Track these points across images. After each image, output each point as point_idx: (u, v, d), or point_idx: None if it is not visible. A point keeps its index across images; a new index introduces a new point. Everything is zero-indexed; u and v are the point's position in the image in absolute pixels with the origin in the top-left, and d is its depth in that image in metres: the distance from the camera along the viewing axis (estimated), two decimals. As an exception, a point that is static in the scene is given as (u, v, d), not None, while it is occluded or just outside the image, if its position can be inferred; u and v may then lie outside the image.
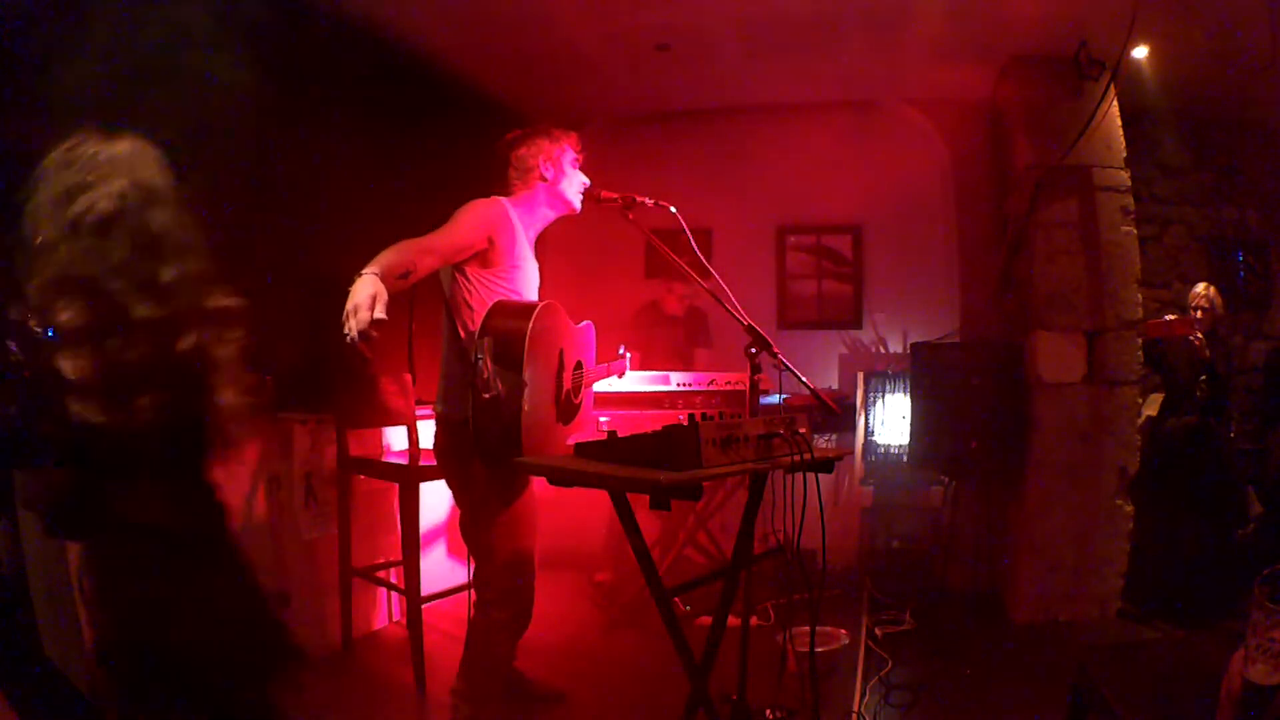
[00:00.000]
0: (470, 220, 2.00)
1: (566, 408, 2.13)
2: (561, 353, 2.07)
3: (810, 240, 4.42)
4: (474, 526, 2.07)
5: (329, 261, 3.22)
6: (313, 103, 3.02)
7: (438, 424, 2.14)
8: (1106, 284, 3.26)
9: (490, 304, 1.98)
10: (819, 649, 2.32)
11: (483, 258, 2.04)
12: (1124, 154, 3.36)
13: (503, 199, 2.15)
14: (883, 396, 3.90)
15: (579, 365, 2.23)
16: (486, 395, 1.77)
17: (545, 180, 2.17)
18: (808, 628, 1.99)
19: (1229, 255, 4.33)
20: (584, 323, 2.33)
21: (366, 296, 1.64)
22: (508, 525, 2.03)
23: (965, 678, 2.64)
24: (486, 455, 1.90)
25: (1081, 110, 3.28)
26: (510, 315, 1.90)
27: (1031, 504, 3.27)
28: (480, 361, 1.77)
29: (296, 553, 2.80)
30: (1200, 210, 4.33)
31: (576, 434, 2.25)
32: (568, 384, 2.13)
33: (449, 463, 2.12)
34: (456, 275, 2.06)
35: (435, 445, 2.21)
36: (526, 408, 1.83)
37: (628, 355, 2.64)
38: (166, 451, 1.19)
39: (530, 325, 1.86)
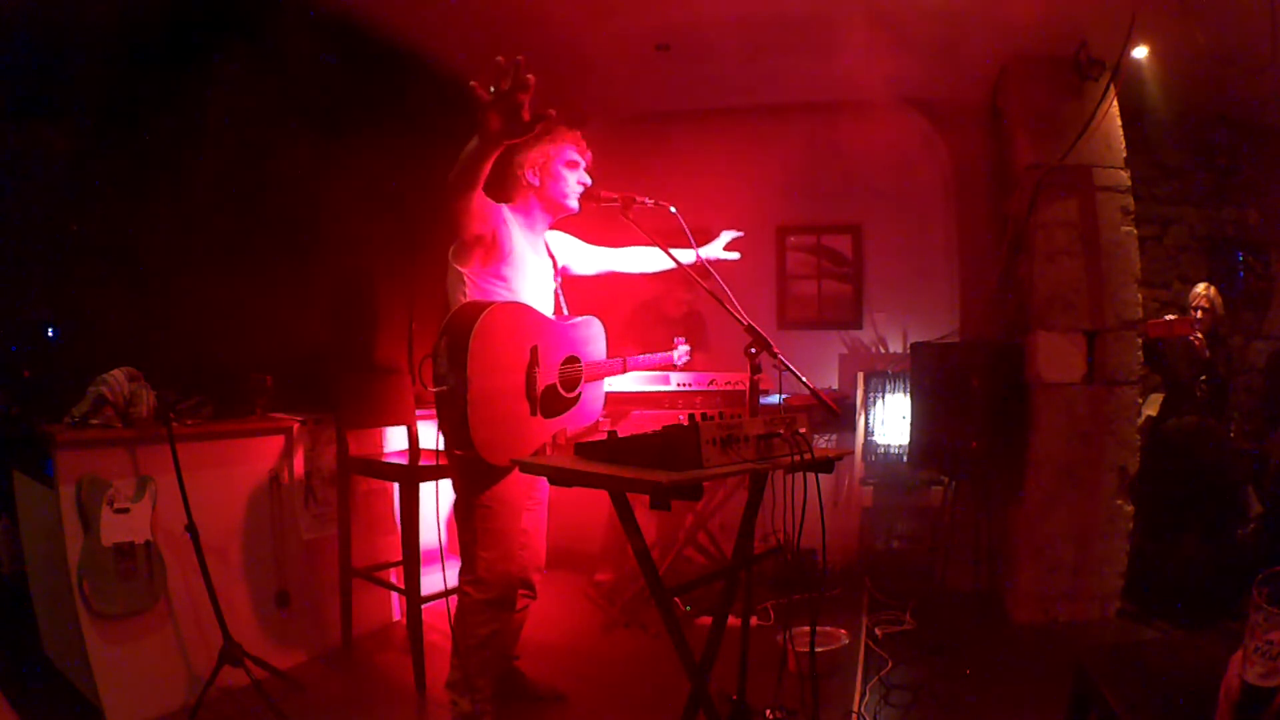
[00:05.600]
0: (483, 204, 2.03)
1: (550, 401, 2.15)
2: (535, 349, 2.09)
3: (810, 240, 4.42)
4: (458, 509, 2.16)
5: (328, 262, 3.24)
6: (311, 104, 3.03)
7: None
8: (1106, 284, 3.26)
9: None
10: (819, 649, 2.32)
11: (485, 253, 2.10)
12: (1124, 154, 3.36)
13: (503, 205, 2.19)
14: (883, 396, 3.90)
15: (572, 359, 2.23)
16: (435, 389, 1.97)
17: (534, 186, 2.21)
18: (808, 628, 1.99)
19: (1229, 255, 4.33)
20: (582, 318, 2.33)
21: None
22: (484, 510, 2.09)
23: (965, 678, 2.64)
24: (451, 442, 2.05)
25: (1081, 110, 3.28)
26: (463, 316, 1.98)
27: (1031, 504, 3.27)
28: (437, 358, 1.95)
29: (296, 553, 2.80)
30: (1200, 210, 4.34)
31: (573, 425, 2.28)
32: (551, 378, 2.15)
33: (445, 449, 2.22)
34: (459, 274, 2.12)
35: None
36: (474, 401, 1.91)
37: (683, 347, 2.65)
38: None
39: (476, 325, 1.92)
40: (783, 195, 4.34)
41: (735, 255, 2.55)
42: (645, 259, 2.59)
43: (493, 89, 1.57)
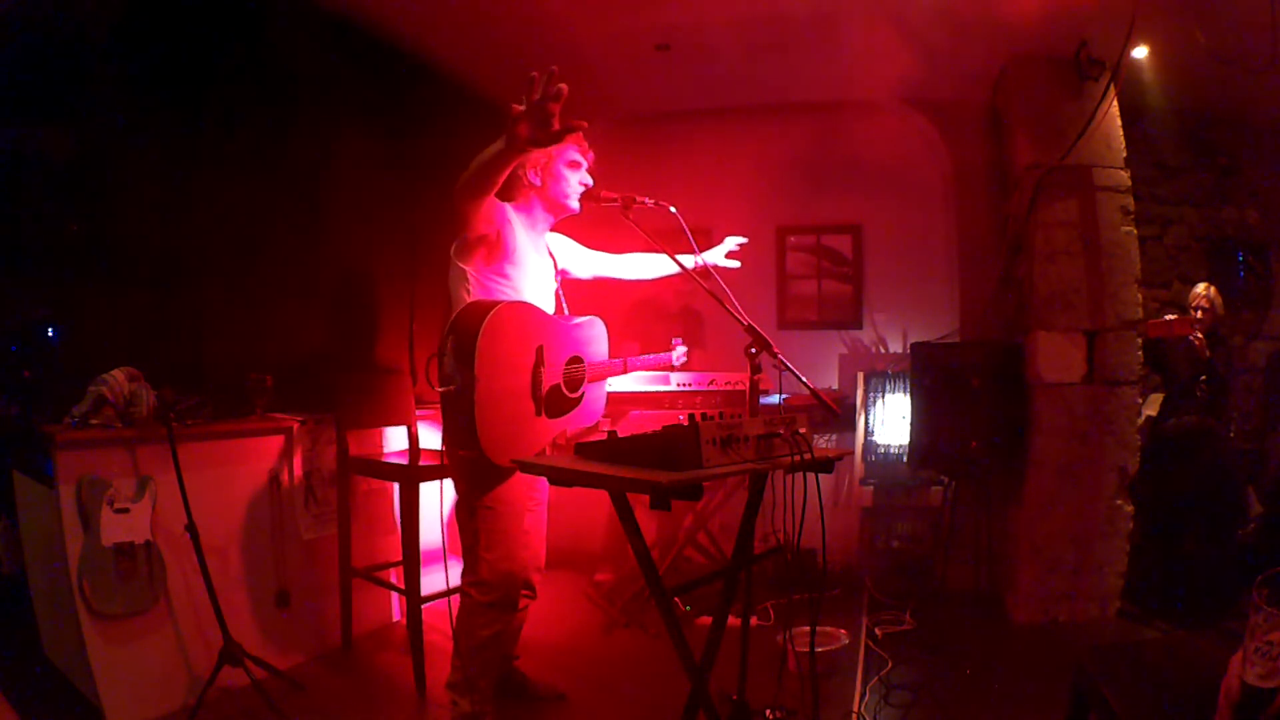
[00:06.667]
0: (490, 205, 2.03)
1: (554, 401, 2.15)
2: (541, 349, 2.10)
3: (810, 240, 4.42)
4: (460, 510, 2.15)
5: (328, 262, 3.24)
6: (312, 104, 3.03)
7: None
8: (1106, 284, 3.26)
9: None
10: (819, 649, 2.32)
11: (489, 251, 2.10)
12: (1124, 154, 3.36)
13: (506, 204, 2.19)
14: (883, 396, 3.90)
15: (575, 360, 2.23)
16: (442, 389, 1.97)
17: (535, 187, 2.22)
18: (808, 628, 1.99)
19: (1229, 255, 4.33)
20: (585, 318, 2.33)
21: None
22: (487, 511, 2.09)
23: (965, 678, 2.64)
24: (454, 442, 2.05)
25: (1081, 110, 3.28)
26: (470, 315, 1.97)
27: (1031, 504, 3.27)
28: (444, 358, 1.96)
29: (296, 553, 2.80)
30: (1200, 210, 4.33)
31: (575, 425, 2.28)
32: (555, 378, 2.15)
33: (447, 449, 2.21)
34: (462, 272, 2.12)
35: None
36: (481, 401, 1.91)
37: (681, 348, 2.65)
38: None
39: (483, 324, 1.91)
40: (783, 195, 4.34)
41: (735, 264, 2.55)
42: (644, 265, 2.60)
43: (524, 99, 1.59)
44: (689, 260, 2.36)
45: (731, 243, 2.59)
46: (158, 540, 2.30)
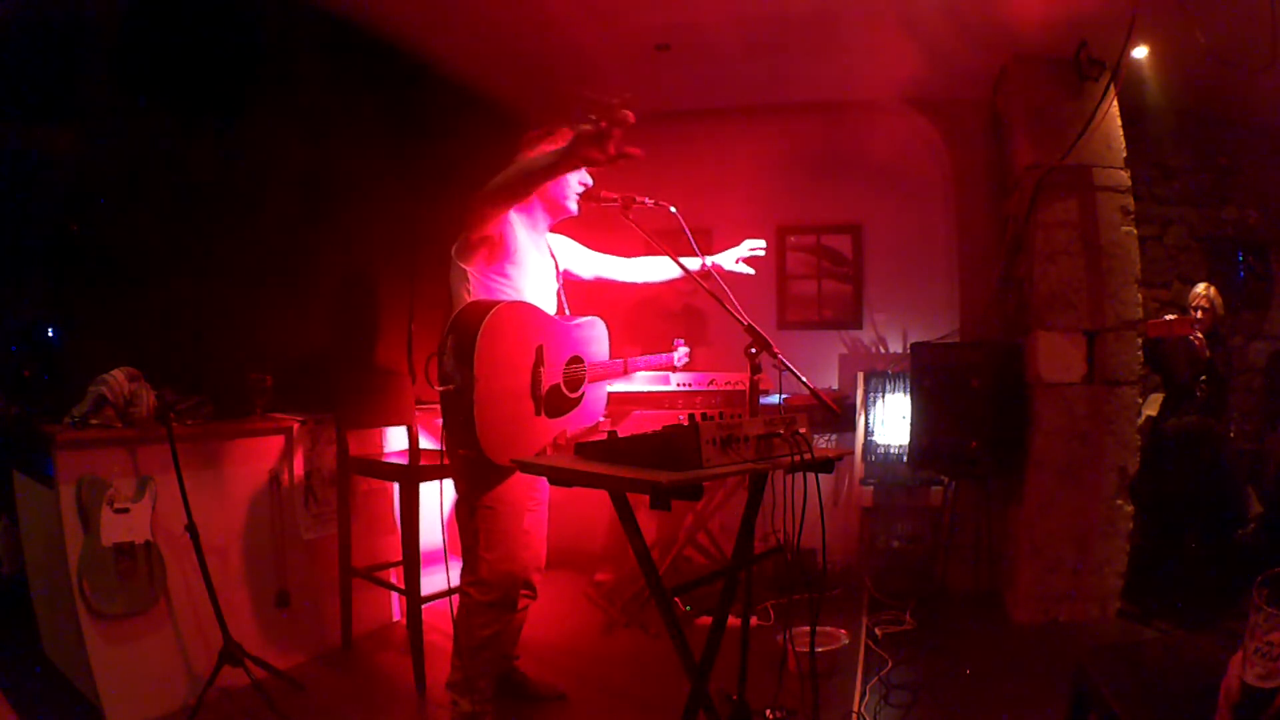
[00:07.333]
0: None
1: (554, 401, 2.15)
2: (540, 349, 2.09)
3: (810, 240, 4.42)
4: (460, 509, 2.15)
5: (328, 262, 3.24)
6: (312, 104, 3.03)
7: None
8: (1106, 284, 3.26)
9: None
10: (819, 649, 2.32)
11: (490, 251, 2.10)
12: (1124, 154, 3.36)
13: None
14: (883, 396, 3.90)
15: (576, 360, 2.23)
16: (442, 388, 1.97)
17: None
18: (808, 628, 1.99)
19: (1229, 255, 4.33)
20: (586, 318, 2.33)
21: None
22: (487, 511, 2.09)
23: (965, 678, 2.64)
24: (454, 442, 2.05)
25: (1081, 110, 3.28)
26: (470, 315, 1.98)
27: (1031, 504, 3.27)
28: (444, 357, 1.96)
29: (296, 553, 2.80)
30: (1200, 210, 4.34)
31: (575, 425, 2.28)
32: (555, 378, 2.15)
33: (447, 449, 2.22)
34: (463, 272, 2.12)
35: None
36: (481, 400, 1.91)
37: (683, 349, 2.64)
38: None
39: (483, 324, 1.91)
40: (783, 195, 4.34)
41: (750, 270, 2.55)
42: (648, 269, 2.59)
43: (593, 119, 1.66)
44: (693, 263, 2.35)
45: (746, 247, 2.57)
46: (158, 540, 2.30)
